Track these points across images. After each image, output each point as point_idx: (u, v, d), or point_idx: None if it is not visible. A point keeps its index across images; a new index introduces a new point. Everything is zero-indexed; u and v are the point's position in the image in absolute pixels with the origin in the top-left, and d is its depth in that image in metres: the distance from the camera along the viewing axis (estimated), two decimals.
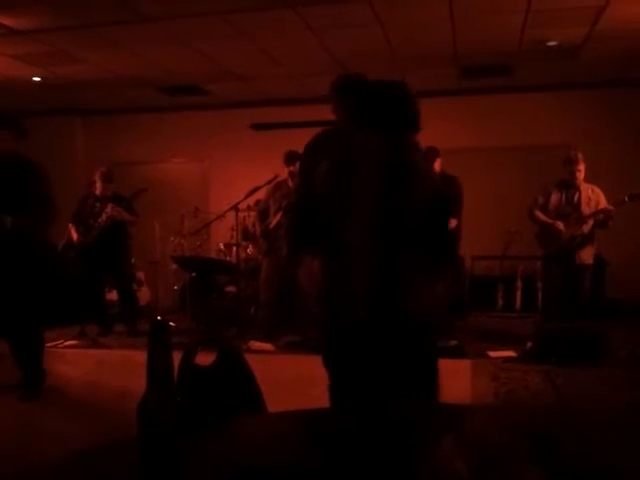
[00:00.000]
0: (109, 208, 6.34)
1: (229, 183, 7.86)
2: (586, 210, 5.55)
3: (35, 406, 4.14)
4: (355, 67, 6.70)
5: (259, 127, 8.07)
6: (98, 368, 4.93)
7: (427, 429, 1.49)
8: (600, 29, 5.63)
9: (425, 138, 6.60)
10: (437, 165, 5.81)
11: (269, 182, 5.92)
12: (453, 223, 5.73)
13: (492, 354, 5.37)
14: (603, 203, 5.54)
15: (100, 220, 6.35)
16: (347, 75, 2.71)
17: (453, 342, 5.67)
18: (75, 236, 6.38)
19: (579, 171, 5.53)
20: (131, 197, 6.51)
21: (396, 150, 2.23)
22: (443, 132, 6.66)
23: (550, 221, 5.60)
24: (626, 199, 5.42)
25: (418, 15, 5.30)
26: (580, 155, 5.54)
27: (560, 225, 5.54)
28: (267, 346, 5.68)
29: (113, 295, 6.98)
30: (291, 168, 5.57)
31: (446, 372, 5.51)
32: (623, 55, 6.41)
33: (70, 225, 6.46)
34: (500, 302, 7.46)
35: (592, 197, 5.58)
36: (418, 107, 2.31)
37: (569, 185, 5.61)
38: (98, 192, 6.55)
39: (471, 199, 6.15)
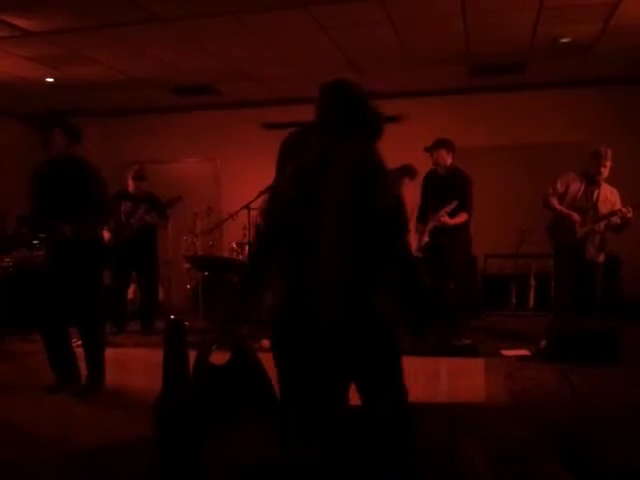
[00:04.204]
0: (142, 210, 6.37)
1: (241, 182, 7.86)
2: (602, 209, 5.47)
3: (49, 406, 4.18)
4: (366, 66, 6.71)
5: (271, 126, 8.07)
6: (113, 367, 4.95)
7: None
8: (613, 25, 5.58)
9: (436, 136, 6.54)
10: (449, 159, 5.77)
11: None
12: (462, 218, 5.69)
13: (506, 353, 5.35)
14: (618, 207, 5.46)
15: (132, 221, 6.39)
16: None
17: (467, 341, 5.66)
18: (107, 234, 6.32)
19: (605, 167, 5.41)
20: (166, 204, 6.51)
21: (366, 156, 2.24)
22: (454, 130, 6.64)
23: (566, 211, 5.51)
24: None
25: (430, 13, 5.28)
26: (610, 152, 5.39)
27: (575, 216, 5.46)
28: None
29: (129, 293, 7.02)
30: None
31: (460, 371, 5.52)
32: (637, 52, 6.35)
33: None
34: (513, 300, 7.43)
35: (609, 198, 5.51)
36: (379, 113, 2.32)
37: (591, 180, 5.50)
38: (131, 190, 6.58)
39: (483, 197, 6.12)
